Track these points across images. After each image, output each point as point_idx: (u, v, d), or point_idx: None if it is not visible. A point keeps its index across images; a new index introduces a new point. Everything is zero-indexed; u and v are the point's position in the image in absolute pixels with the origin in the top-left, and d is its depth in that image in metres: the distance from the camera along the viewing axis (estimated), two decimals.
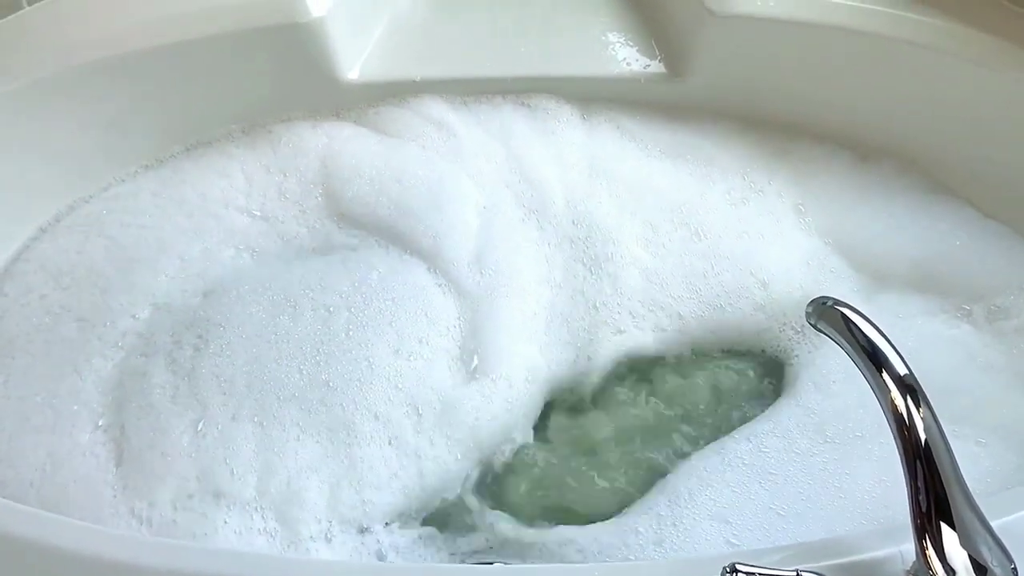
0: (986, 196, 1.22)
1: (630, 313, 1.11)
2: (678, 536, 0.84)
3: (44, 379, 1.01)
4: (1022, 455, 0.90)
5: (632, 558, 0.83)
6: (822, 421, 0.96)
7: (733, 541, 0.83)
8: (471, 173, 1.25)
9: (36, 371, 1.02)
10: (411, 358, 1.02)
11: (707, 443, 0.99)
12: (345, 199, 1.22)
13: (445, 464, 0.95)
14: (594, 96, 1.37)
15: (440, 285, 1.11)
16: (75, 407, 0.98)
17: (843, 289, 1.13)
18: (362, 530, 0.89)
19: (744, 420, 1.02)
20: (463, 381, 1.01)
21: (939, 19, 1.26)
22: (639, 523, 0.87)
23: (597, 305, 1.11)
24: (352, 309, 1.06)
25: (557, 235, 1.19)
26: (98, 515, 0.89)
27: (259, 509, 0.90)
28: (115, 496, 0.90)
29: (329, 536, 0.88)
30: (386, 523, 0.90)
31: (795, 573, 0.56)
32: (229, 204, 1.23)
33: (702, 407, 1.05)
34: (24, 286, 1.12)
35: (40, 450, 0.94)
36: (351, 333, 1.04)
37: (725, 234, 1.19)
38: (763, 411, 1.02)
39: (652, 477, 0.97)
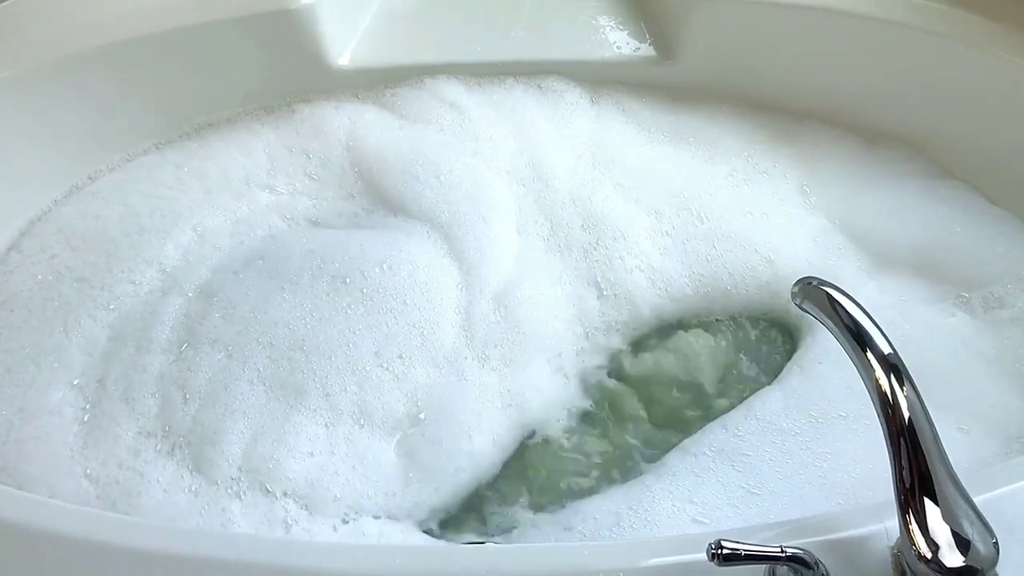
0: (993, 183, 1.22)
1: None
2: (635, 518, 0.85)
3: (34, 334, 1.04)
4: (1001, 444, 0.91)
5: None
6: (806, 402, 0.97)
7: (700, 520, 0.84)
8: (497, 170, 1.26)
9: (29, 326, 1.05)
10: (384, 367, 1.01)
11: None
12: (386, 183, 1.24)
13: (338, 484, 0.93)
14: (587, 78, 1.38)
15: (457, 312, 1.08)
16: (55, 364, 1.01)
17: (850, 268, 1.14)
18: (266, 492, 0.91)
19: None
20: (405, 438, 0.97)
21: (936, 2, 1.26)
22: (596, 512, 0.88)
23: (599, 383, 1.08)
24: (364, 291, 1.07)
25: (574, 263, 1.16)
26: (51, 474, 0.91)
27: (186, 446, 0.94)
28: (71, 456, 0.93)
29: (241, 494, 0.90)
30: (284, 492, 0.91)
31: (779, 549, 0.56)
32: (254, 180, 1.26)
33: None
34: (39, 245, 1.16)
35: (13, 404, 0.97)
36: (349, 312, 1.05)
37: (730, 214, 1.20)
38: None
39: None
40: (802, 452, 0.91)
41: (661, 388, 1.06)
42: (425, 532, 0.90)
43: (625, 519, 0.86)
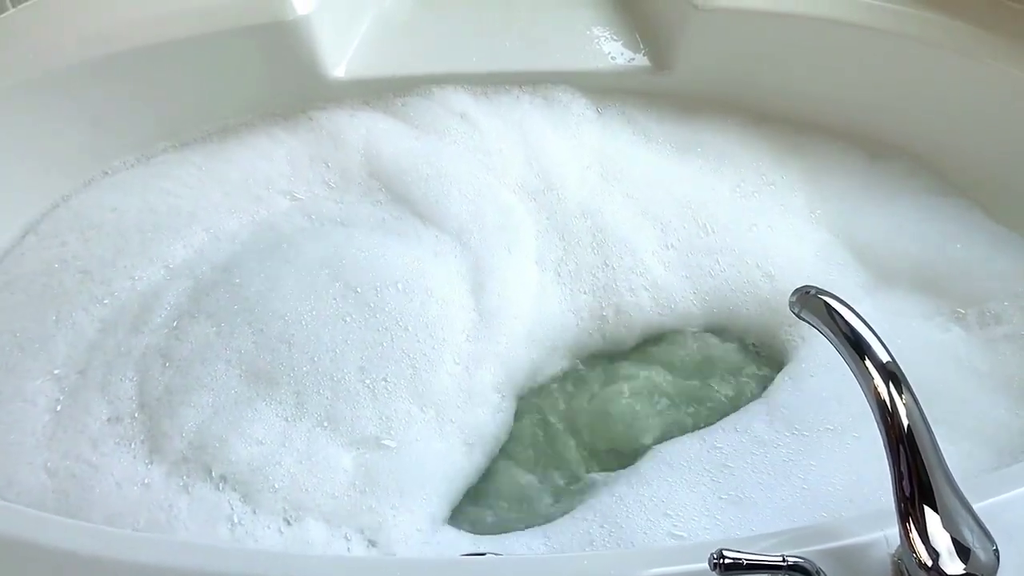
0: (994, 200, 1.22)
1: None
2: (608, 537, 0.84)
3: (25, 319, 1.05)
4: (991, 458, 0.91)
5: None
6: (791, 414, 0.97)
7: (677, 533, 0.84)
8: (512, 185, 1.27)
9: (24, 310, 1.06)
10: (365, 383, 1.00)
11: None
12: (413, 195, 1.24)
13: (279, 475, 0.92)
14: (583, 87, 1.39)
15: (457, 363, 1.04)
16: (40, 352, 1.02)
17: (849, 284, 1.14)
18: (209, 476, 0.91)
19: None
20: (365, 454, 0.95)
21: (928, 12, 1.27)
22: (566, 529, 0.87)
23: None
24: (372, 306, 1.06)
25: (585, 300, 1.14)
26: (13, 464, 0.92)
27: (148, 422, 0.95)
28: (35, 446, 0.94)
29: (189, 488, 0.90)
30: (223, 475, 0.91)
31: (781, 558, 0.56)
32: (274, 185, 1.27)
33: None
34: (54, 231, 1.17)
35: None
36: (348, 321, 1.05)
37: (735, 227, 1.20)
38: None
39: None
40: (785, 464, 0.91)
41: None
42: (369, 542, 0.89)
43: (598, 538, 0.85)
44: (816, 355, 1.04)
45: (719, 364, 1.11)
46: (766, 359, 1.11)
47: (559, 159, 1.29)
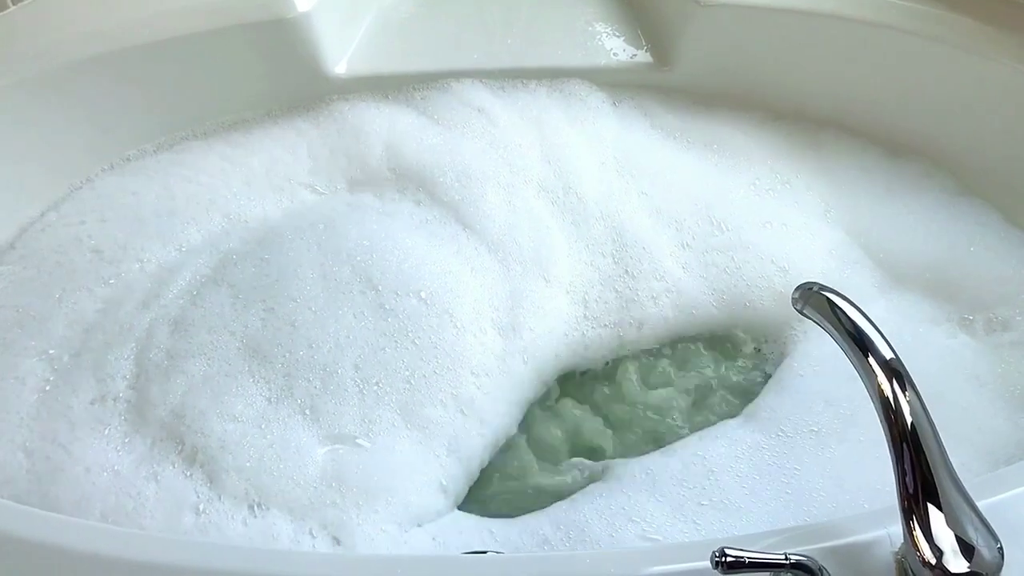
0: (1011, 202, 1.21)
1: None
2: (567, 540, 0.83)
3: (31, 296, 1.05)
4: (988, 466, 0.90)
5: None
6: (777, 416, 0.96)
7: (651, 538, 0.83)
8: (537, 186, 1.25)
9: (31, 286, 1.07)
10: (356, 383, 0.98)
11: None
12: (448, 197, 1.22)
13: (246, 455, 0.91)
14: (594, 82, 1.39)
15: (455, 399, 0.99)
16: (38, 329, 1.02)
17: (863, 283, 1.13)
18: (181, 448, 0.91)
19: None
20: (337, 451, 0.93)
21: (938, 9, 1.26)
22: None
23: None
24: (387, 308, 1.05)
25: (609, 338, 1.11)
26: None
27: (135, 395, 0.95)
28: (18, 425, 0.93)
29: (158, 478, 0.89)
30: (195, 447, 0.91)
31: (783, 556, 0.56)
32: (295, 177, 1.28)
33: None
34: (75, 210, 1.19)
35: None
36: (359, 318, 1.04)
37: (750, 224, 1.19)
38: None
39: None
40: (768, 467, 0.90)
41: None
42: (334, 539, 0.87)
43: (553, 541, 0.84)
44: (809, 355, 1.03)
45: (729, 370, 1.10)
46: (775, 358, 1.10)
47: (578, 151, 1.28)
